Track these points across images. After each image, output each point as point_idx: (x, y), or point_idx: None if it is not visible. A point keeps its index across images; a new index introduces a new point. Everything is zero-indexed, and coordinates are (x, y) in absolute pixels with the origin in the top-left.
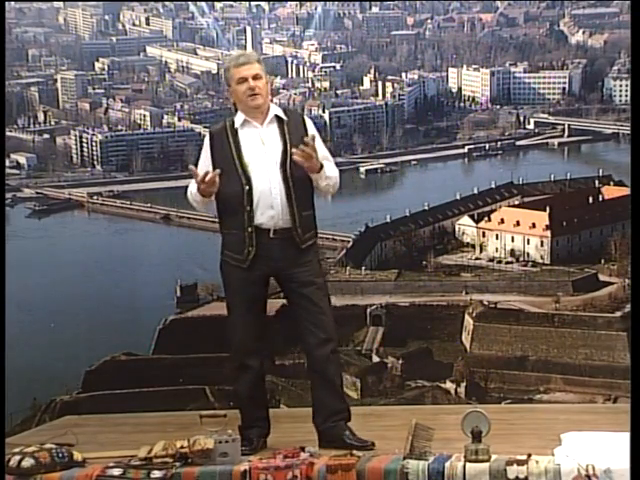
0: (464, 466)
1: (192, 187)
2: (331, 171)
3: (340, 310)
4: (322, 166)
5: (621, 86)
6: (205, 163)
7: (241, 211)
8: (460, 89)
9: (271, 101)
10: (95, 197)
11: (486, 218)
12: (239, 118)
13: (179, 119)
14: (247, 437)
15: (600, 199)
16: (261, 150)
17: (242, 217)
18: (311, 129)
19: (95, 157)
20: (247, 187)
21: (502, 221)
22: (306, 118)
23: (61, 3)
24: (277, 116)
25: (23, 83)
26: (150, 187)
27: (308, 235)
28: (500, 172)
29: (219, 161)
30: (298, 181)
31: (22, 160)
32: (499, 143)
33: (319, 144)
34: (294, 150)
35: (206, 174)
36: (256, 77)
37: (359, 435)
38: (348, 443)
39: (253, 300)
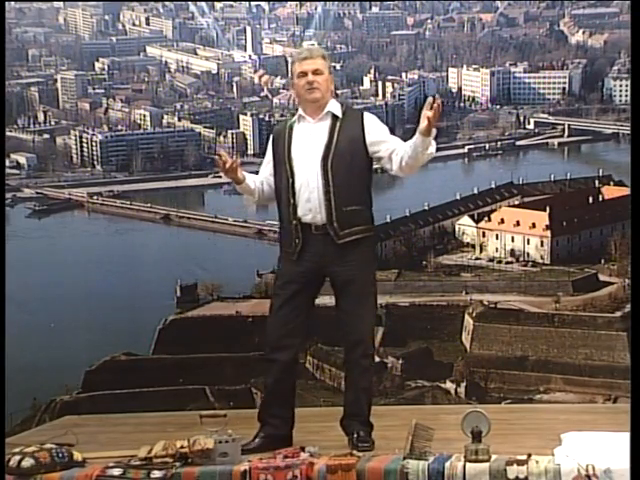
0: (464, 466)
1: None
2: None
3: None
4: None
5: (621, 86)
6: (267, 162)
7: (287, 204)
8: (460, 89)
9: (334, 97)
10: (95, 197)
11: (486, 218)
12: (297, 114)
13: (179, 119)
14: (258, 433)
15: (600, 199)
16: (308, 144)
17: (288, 210)
18: (369, 124)
19: (95, 157)
20: (291, 180)
21: (502, 221)
22: (366, 115)
23: (61, 3)
24: (333, 113)
25: (23, 83)
26: (150, 187)
27: (348, 231)
28: (500, 172)
29: (276, 156)
30: (340, 178)
31: (22, 160)
32: (499, 143)
33: (384, 136)
34: (426, 106)
35: (226, 162)
36: (316, 72)
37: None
38: (352, 443)
39: (292, 295)
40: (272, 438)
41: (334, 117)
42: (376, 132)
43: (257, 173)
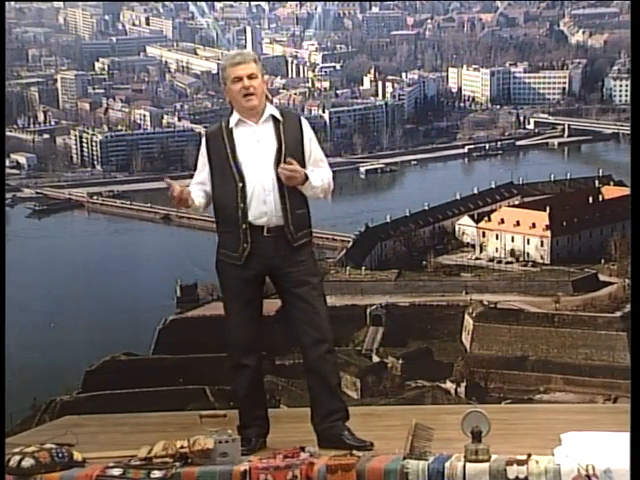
0: (464, 466)
1: (190, 188)
2: (317, 181)
3: (340, 310)
4: (307, 177)
5: (621, 86)
6: (202, 166)
7: (235, 208)
8: (460, 89)
9: (270, 101)
10: (95, 197)
11: (486, 218)
12: (234, 118)
13: (179, 119)
14: (246, 437)
15: (600, 199)
16: (255, 148)
17: (236, 214)
18: (307, 130)
19: (95, 157)
20: (240, 184)
21: (502, 221)
22: (303, 119)
23: (61, 3)
24: (273, 116)
25: (23, 83)
26: (150, 187)
27: (301, 233)
28: (500, 172)
29: (215, 161)
30: None
31: (22, 160)
32: (499, 143)
33: (314, 146)
34: (279, 168)
35: (180, 191)
36: (251, 77)
37: (359, 435)
38: (347, 443)
39: (249, 299)
40: (260, 437)
41: (275, 120)
42: (310, 141)
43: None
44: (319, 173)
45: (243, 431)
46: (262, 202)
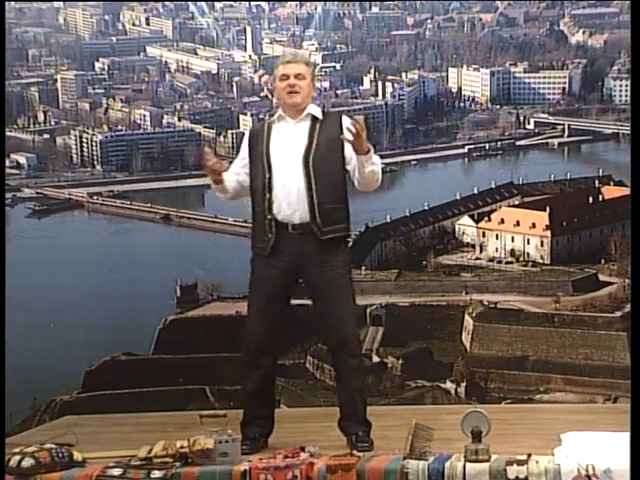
0: (464, 466)
1: (223, 175)
2: (376, 158)
3: None
4: (369, 150)
5: (621, 86)
6: (240, 158)
7: (262, 200)
8: (460, 89)
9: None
10: (95, 197)
11: (486, 218)
12: (277, 115)
13: (179, 119)
14: (247, 435)
15: (600, 199)
16: (288, 144)
17: (263, 204)
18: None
19: (95, 157)
20: (268, 176)
21: (502, 221)
22: (344, 117)
23: (61, 3)
24: (313, 115)
25: (23, 83)
26: (150, 187)
27: (331, 228)
28: (500, 172)
29: (253, 155)
30: (322, 176)
31: (22, 160)
32: (499, 143)
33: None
34: (346, 126)
35: (213, 161)
36: (298, 76)
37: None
38: (352, 444)
39: (272, 296)
40: (262, 437)
41: (314, 118)
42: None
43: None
44: (374, 155)
45: (245, 429)
46: (287, 195)
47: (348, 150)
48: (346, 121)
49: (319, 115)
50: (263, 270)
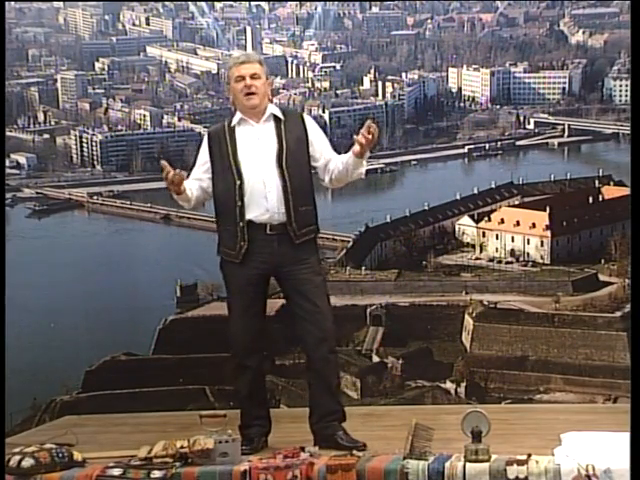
0: (464, 466)
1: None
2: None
3: (340, 310)
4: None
5: (621, 86)
6: (201, 163)
7: (233, 206)
8: (460, 89)
9: (271, 102)
10: (95, 197)
11: (486, 218)
12: (236, 117)
13: (179, 119)
14: (247, 436)
15: (600, 199)
16: (256, 147)
17: (234, 212)
18: (311, 127)
19: (95, 157)
20: (239, 182)
21: (502, 221)
22: (306, 117)
23: (61, 3)
24: (274, 115)
25: (23, 83)
26: (150, 187)
27: (305, 230)
28: (500, 172)
29: (216, 159)
30: (295, 177)
31: (22, 160)
32: (499, 143)
33: (322, 140)
34: (363, 130)
35: (173, 173)
36: (254, 76)
37: (359, 435)
38: (340, 443)
39: (251, 299)
40: (262, 437)
41: (276, 119)
42: (317, 135)
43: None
44: None
45: (244, 431)
46: (263, 199)
47: (317, 148)
48: (308, 120)
49: (280, 115)
50: (238, 277)
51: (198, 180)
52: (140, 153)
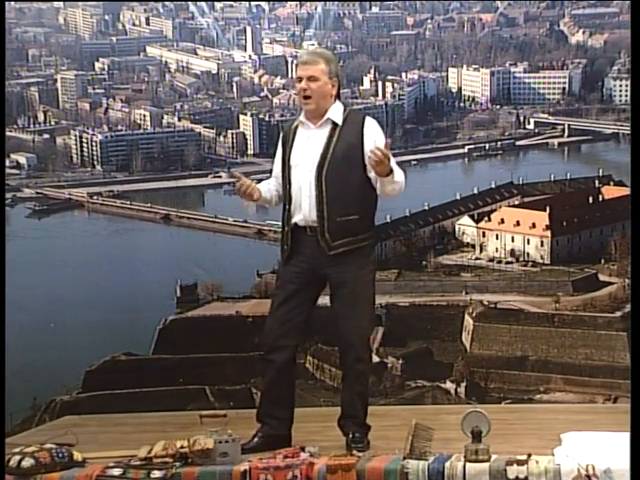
0: (464, 466)
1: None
2: (399, 176)
3: None
4: (392, 171)
5: (621, 86)
6: (278, 160)
7: (284, 210)
8: (460, 89)
9: (338, 98)
10: (95, 197)
11: (486, 218)
12: (299, 117)
13: (179, 119)
14: (255, 433)
15: (600, 199)
16: (306, 151)
17: (284, 215)
18: (369, 132)
19: (95, 157)
20: (287, 186)
21: (502, 221)
22: (367, 120)
23: (61, 3)
24: (333, 120)
25: (23, 83)
26: (150, 187)
27: (341, 242)
28: (500, 172)
29: (283, 159)
30: (335, 186)
31: (22, 160)
32: (499, 143)
33: (381, 146)
34: (368, 152)
35: (247, 185)
36: (311, 78)
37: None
38: (349, 445)
39: (289, 295)
40: (270, 438)
41: (334, 124)
42: (377, 141)
43: (260, 173)
44: (397, 170)
45: (259, 427)
46: (299, 206)
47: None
48: (369, 125)
49: (339, 120)
50: (283, 273)
51: (276, 177)
52: (140, 153)
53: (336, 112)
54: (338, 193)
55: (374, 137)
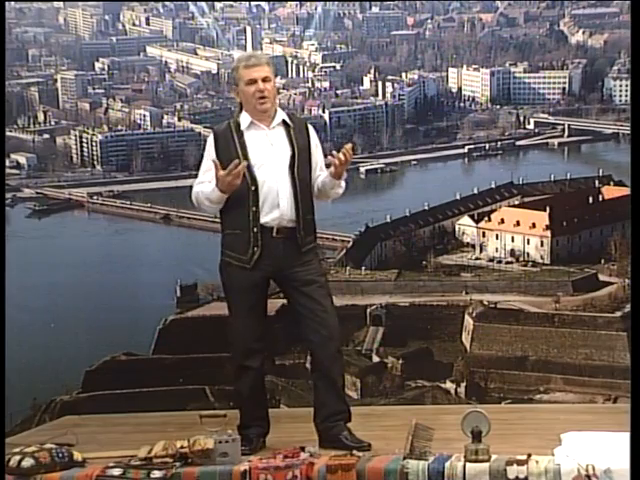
0: (464, 466)
1: (202, 187)
2: (343, 182)
3: (340, 310)
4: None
5: (621, 86)
6: (209, 163)
7: (246, 211)
8: (460, 89)
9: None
10: (95, 197)
11: (486, 218)
12: (245, 119)
13: (179, 119)
14: (246, 437)
15: (600, 199)
16: (269, 152)
17: (247, 217)
18: (313, 136)
19: (95, 157)
20: (253, 187)
21: (502, 221)
22: (309, 125)
23: (61, 3)
24: (285, 121)
25: (23, 83)
26: (150, 187)
27: (309, 238)
28: (500, 172)
29: (224, 162)
30: (303, 185)
31: (22, 160)
32: (499, 143)
33: (320, 152)
34: (335, 153)
35: (235, 165)
36: (265, 80)
37: (359, 435)
38: (345, 443)
39: (255, 301)
40: (261, 437)
41: (285, 124)
42: (317, 146)
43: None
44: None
45: (243, 431)
46: (275, 205)
47: (315, 159)
48: (312, 131)
49: (289, 121)
50: (242, 279)
51: (211, 184)
52: (140, 153)
53: (282, 114)
54: (305, 192)
55: (316, 141)
